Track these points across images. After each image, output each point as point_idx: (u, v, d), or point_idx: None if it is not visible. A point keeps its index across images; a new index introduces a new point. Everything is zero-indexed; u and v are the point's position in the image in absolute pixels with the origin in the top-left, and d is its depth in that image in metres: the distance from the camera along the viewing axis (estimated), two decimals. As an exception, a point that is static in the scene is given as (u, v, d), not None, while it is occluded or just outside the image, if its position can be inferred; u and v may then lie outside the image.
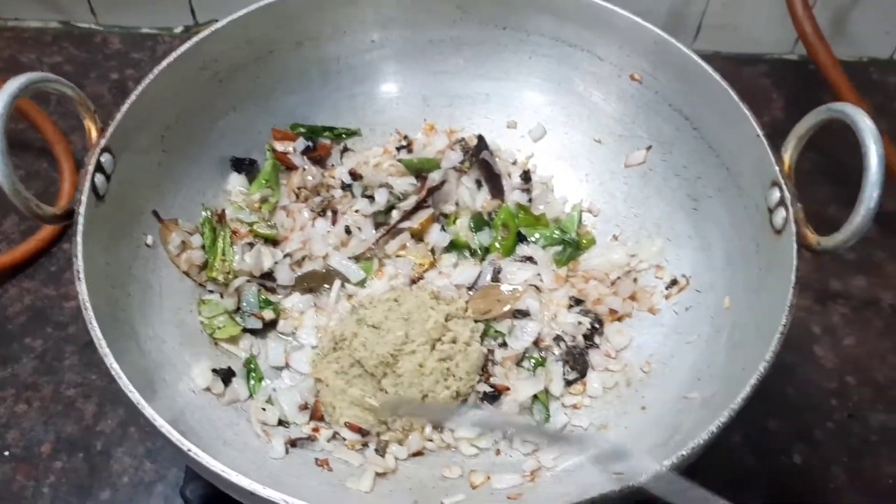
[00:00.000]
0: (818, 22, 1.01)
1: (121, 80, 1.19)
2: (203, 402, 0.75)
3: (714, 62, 1.21)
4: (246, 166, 0.90)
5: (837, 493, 0.86)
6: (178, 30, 1.23)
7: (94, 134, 0.73)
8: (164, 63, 0.78)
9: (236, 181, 0.89)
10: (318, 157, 0.92)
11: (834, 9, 1.17)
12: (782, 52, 1.25)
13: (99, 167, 0.72)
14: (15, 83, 0.66)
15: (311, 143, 0.92)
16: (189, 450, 0.58)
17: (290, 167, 0.91)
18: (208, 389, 0.76)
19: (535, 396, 0.79)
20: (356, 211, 0.89)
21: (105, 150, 0.73)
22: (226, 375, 0.78)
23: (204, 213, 0.86)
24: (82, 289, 0.64)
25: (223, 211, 0.87)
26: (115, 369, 0.61)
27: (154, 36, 1.23)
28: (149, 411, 0.59)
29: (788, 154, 0.72)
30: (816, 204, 1.08)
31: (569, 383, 0.80)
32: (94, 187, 0.71)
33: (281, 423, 0.77)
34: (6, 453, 0.86)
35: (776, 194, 0.71)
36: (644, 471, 0.56)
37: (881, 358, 0.97)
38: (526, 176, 0.93)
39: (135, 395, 0.59)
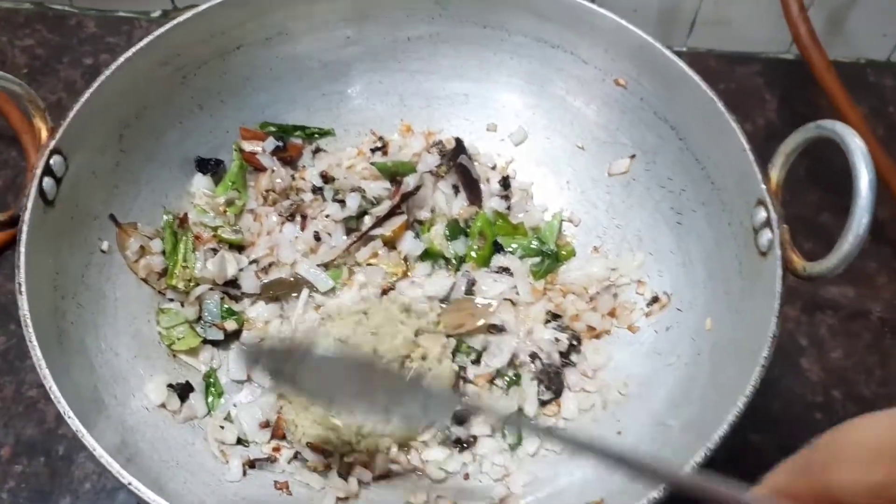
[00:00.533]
0: (814, 22, 0.98)
1: (95, 66, 1.15)
2: (156, 420, 0.71)
3: (707, 61, 1.20)
4: (211, 167, 0.86)
5: (819, 510, 0.84)
6: (156, 14, 1.19)
7: (43, 134, 0.70)
8: (122, 58, 0.74)
9: (201, 182, 0.85)
10: (288, 157, 0.89)
11: (830, 9, 1.14)
12: (777, 51, 1.21)
13: (48, 170, 0.68)
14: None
15: (281, 143, 0.88)
16: (129, 483, 0.55)
17: (259, 168, 0.88)
18: (163, 406, 0.73)
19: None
20: (326, 216, 0.85)
21: (55, 151, 0.69)
22: (183, 391, 0.75)
23: (165, 217, 0.82)
24: (23, 303, 0.61)
25: (185, 214, 0.83)
26: (54, 393, 0.58)
27: (131, 20, 1.19)
28: (89, 440, 0.56)
29: (776, 171, 0.69)
30: (808, 211, 1.07)
31: (543, 403, 0.77)
32: (41, 192, 0.67)
33: (240, 441, 0.74)
34: (-37, 457, 0.83)
35: (762, 214, 0.68)
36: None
37: (868, 372, 0.95)
38: (505, 182, 0.90)
39: (74, 422, 0.56)
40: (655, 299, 0.81)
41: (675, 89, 0.78)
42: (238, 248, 0.84)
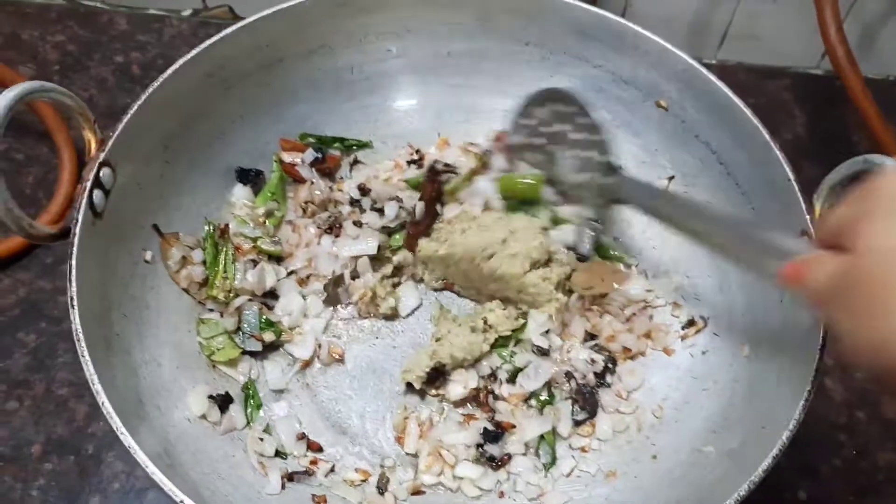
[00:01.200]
0: (847, 38, 0.97)
1: (126, 64, 1.16)
2: (198, 432, 0.72)
3: (736, 74, 1.20)
4: (252, 178, 0.87)
5: (842, 533, 0.85)
6: (187, 12, 1.19)
7: (93, 146, 0.70)
8: (169, 70, 0.75)
9: (241, 193, 0.86)
10: (326, 169, 0.89)
11: (862, 26, 1.14)
12: (807, 66, 1.21)
13: (97, 183, 0.68)
14: (9, 95, 0.63)
15: (320, 155, 0.88)
16: (182, 502, 0.55)
17: (298, 180, 0.88)
18: (204, 417, 0.73)
19: (542, 437, 0.76)
20: (364, 224, 0.86)
21: (104, 164, 0.70)
22: (223, 402, 0.75)
23: (206, 228, 0.83)
24: (75, 317, 0.62)
25: (226, 226, 0.84)
26: (107, 408, 0.58)
27: (161, 17, 1.19)
28: (141, 457, 0.56)
29: (820, 203, 0.69)
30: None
31: (577, 423, 0.78)
32: (91, 204, 0.68)
33: (278, 454, 0.75)
34: (-5, 452, 0.84)
35: (805, 245, 0.68)
36: None
37: (893, 394, 0.95)
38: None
39: (127, 439, 0.57)
40: (691, 322, 0.81)
41: (718, 114, 0.79)
42: (277, 259, 0.85)
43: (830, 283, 0.48)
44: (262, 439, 0.74)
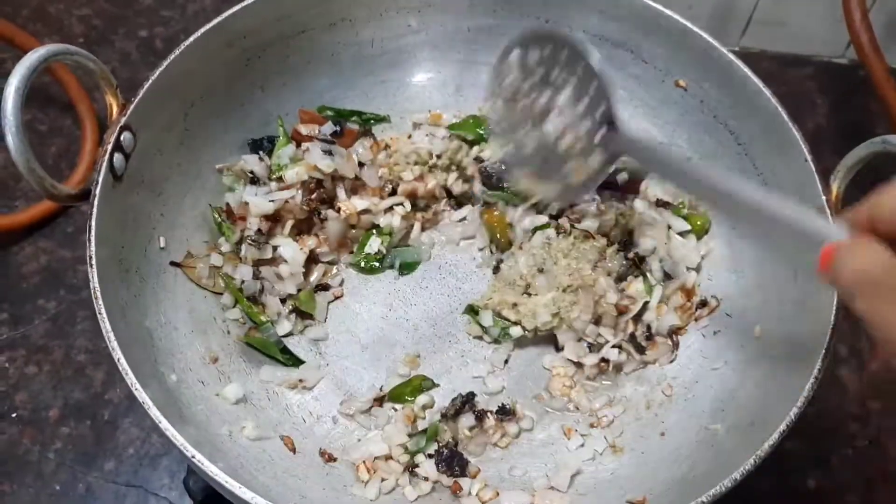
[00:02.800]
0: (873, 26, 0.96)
1: (149, 39, 1.17)
2: (209, 394, 0.73)
3: (760, 61, 1.19)
4: (265, 146, 0.87)
5: (849, 523, 0.84)
6: (211, -12, 1.20)
7: (114, 110, 0.71)
8: (191, 38, 0.76)
9: (252, 162, 0.85)
10: (344, 144, 0.89)
11: (889, 14, 1.12)
12: (832, 55, 1.20)
13: (118, 146, 0.69)
14: (33, 56, 0.64)
15: (338, 128, 0.89)
16: (193, 456, 0.56)
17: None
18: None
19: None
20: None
21: (125, 128, 0.70)
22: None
23: (214, 216, 0.83)
24: (93, 276, 0.63)
25: (228, 205, 0.84)
26: (122, 365, 0.59)
27: (186, -7, 1.20)
28: (155, 413, 0.57)
29: (837, 184, 0.69)
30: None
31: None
32: (111, 167, 0.68)
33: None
34: (14, 415, 0.86)
35: (821, 226, 0.68)
36: None
37: (907, 386, 0.94)
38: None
39: (141, 394, 0.58)
40: (704, 303, 0.81)
41: (737, 95, 0.78)
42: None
43: (881, 273, 0.45)
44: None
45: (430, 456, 0.73)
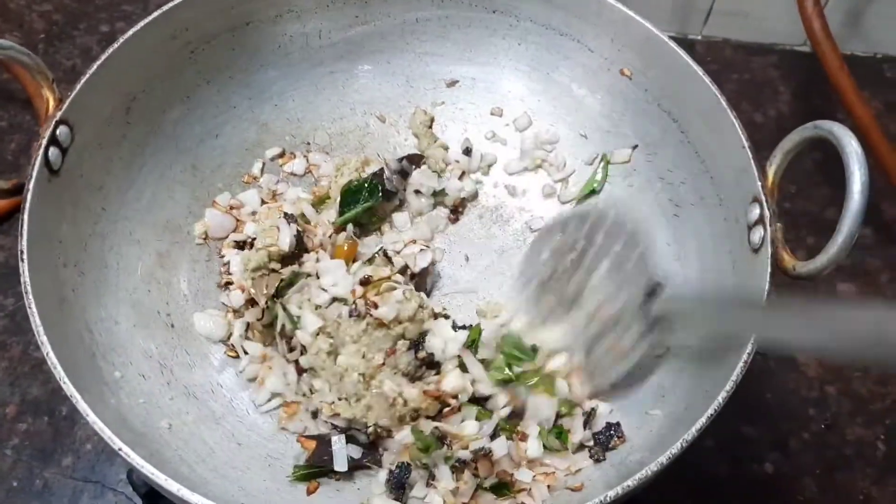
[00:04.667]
0: (832, 15, 0.97)
1: (111, 33, 1.17)
2: (151, 388, 0.73)
3: (723, 50, 1.19)
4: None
5: (806, 506, 0.85)
6: (172, -18, 1.20)
7: (51, 104, 0.71)
8: (130, 32, 0.75)
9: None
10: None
11: (849, 3, 1.12)
12: (794, 44, 1.20)
13: (53, 140, 0.69)
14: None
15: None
16: (120, 448, 0.56)
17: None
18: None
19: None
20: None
21: (61, 122, 0.70)
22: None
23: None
24: (24, 269, 0.63)
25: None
26: (51, 358, 0.59)
27: (147, -13, 1.20)
28: (82, 406, 0.57)
29: (773, 169, 0.69)
30: (815, 206, 1.06)
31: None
32: (47, 162, 0.68)
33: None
34: (-30, 412, 0.85)
35: (756, 211, 0.68)
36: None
37: (865, 369, 0.95)
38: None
39: (69, 388, 0.58)
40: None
41: (679, 83, 0.78)
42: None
43: None
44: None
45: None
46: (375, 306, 0.73)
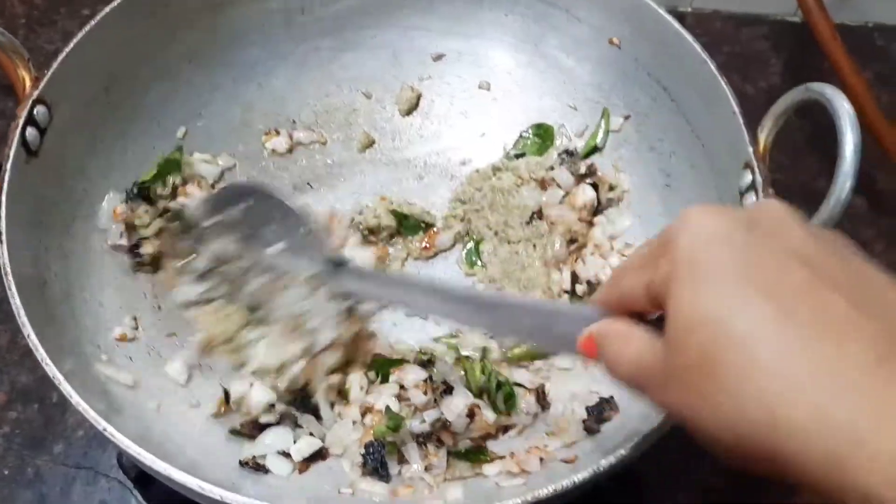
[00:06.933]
0: (825, -17, 0.96)
1: (92, 16, 1.14)
2: (139, 368, 0.73)
3: (713, 21, 1.19)
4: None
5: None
6: (154, -35, 1.19)
7: (27, 83, 0.70)
8: (107, 8, 0.75)
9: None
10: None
11: (841, -29, 1.12)
12: (785, 14, 1.19)
13: (30, 120, 0.68)
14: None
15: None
16: (105, 429, 0.56)
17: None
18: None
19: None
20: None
21: (39, 101, 0.70)
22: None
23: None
24: (3, 251, 0.62)
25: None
26: (32, 340, 0.60)
27: (128, -30, 1.19)
28: (66, 387, 0.58)
29: (764, 135, 0.68)
30: (806, 176, 1.06)
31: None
32: (24, 142, 0.68)
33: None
34: (-41, 401, 0.84)
35: (748, 177, 0.68)
36: None
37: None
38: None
39: (51, 369, 0.58)
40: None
41: (669, 50, 0.77)
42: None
43: (650, 365, 0.41)
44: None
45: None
46: None
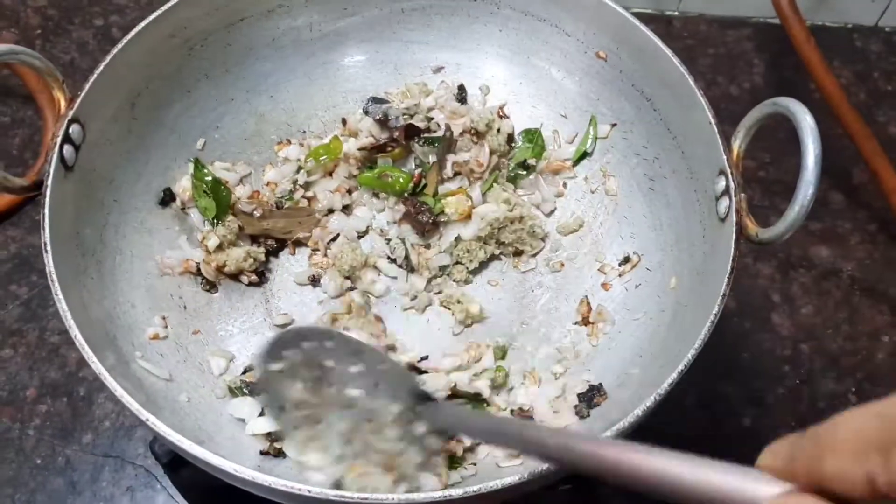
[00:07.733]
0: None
1: (105, 27, 1.20)
2: (169, 363, 0.78)
3: (698, 25, 1.24)
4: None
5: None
6: (164, -24, 1.23)
7: (62, 104, 0.75)
8: (133, 32, 0.79)
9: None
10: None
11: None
12: (767, 16, 1.24)
13: (67, 138, 0.73)
14: (-21, 60, 0.68)
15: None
16: (147, 419, 0.61)
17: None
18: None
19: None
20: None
21: (73, 120, 0.74)
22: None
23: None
24: (49, 260, 0.67)
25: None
26: (79, 341, 0.64)
27: (139, -19, 1.23)
28: (110, 381, 0.62)
29: (738, 144, 0.73)
30: (788, 175, 1.11)
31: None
32: (62, 159, 0.72)
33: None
34: (-8, 397, 0.90)
35: (722, 183, 0.73)
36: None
37: (836, 328, 1.01)
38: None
39: (97, 366, 0.63)
40: (627, 259, 0.86)
41: (650, 63, 0.82)
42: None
43: None
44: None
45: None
46: None
